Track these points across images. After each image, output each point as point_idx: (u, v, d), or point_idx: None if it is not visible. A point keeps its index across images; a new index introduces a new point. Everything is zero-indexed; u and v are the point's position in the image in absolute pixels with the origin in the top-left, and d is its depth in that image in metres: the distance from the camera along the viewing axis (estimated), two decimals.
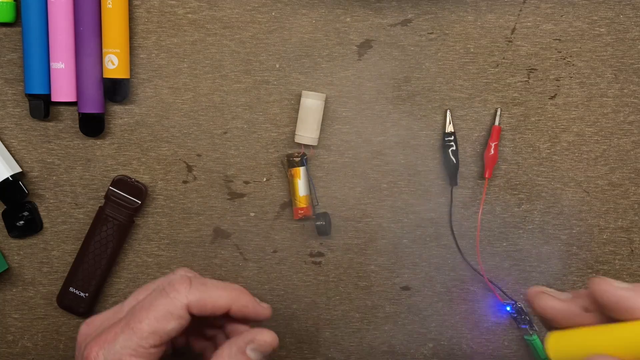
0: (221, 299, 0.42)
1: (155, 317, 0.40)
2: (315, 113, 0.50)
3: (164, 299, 0.41)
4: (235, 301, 0.42)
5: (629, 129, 0.51)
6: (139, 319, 0.40)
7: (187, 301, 0.41)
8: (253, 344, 0.42)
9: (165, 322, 0.40)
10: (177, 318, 0.41)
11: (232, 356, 0.41)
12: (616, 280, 0.33)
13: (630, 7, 0.50)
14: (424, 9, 0.50)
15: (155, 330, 0.40)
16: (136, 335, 0.40)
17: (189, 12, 0.50)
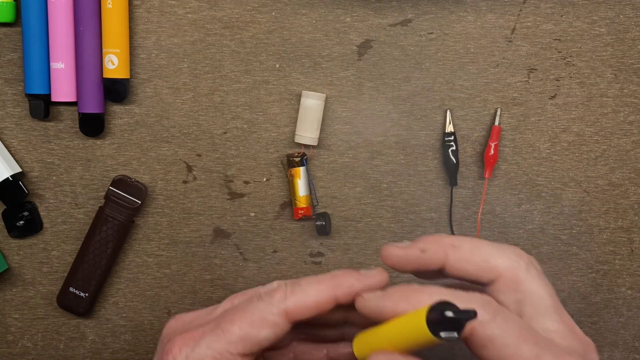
0: (322, 292, 0.37)
1: (249, 321, 0.37)
2: (315, 113, 0.50)
3: (260, 304, 0.37)
4: (337, 287, 0.38)
5: (629, 129, 0.51)
6: (230, 321, 0.37)
7: (284, 307, 0.37)
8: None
9: (258, 328, 0.37)
10: (272, 326, 0.37)
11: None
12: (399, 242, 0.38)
13: (630, 7, 0.50)
14: (424, 9, 0.50)
15: (246, 335, 0.37)
16: (225, 338, 0.37)
17: (189, 12, 0.50)
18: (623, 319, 0.53)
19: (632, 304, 0.53)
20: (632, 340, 0.53)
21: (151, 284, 0.53)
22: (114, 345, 0.53)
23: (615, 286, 0.53)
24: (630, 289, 0.53)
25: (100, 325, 0.53)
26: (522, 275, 0.37)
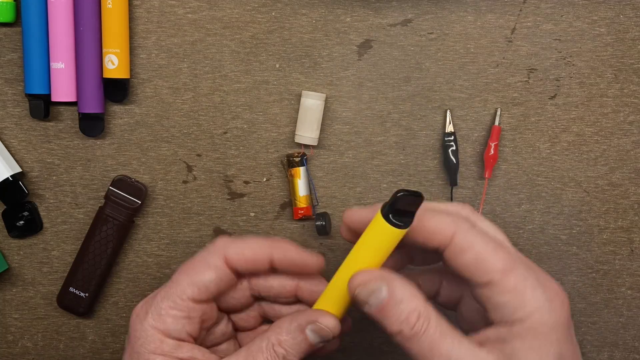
0: (261, 248, 0.41)
1: (193, 267, 0.40)
2: (315, 113, 0.50)
3: (202, 252, 0.41)
4: (276, 249, 0.41)
5: (629, 129, 0.51)
6: (179, 273, 0.40)
7: (224, 252, 0.40)
8: (314, 325, 0.39)
9: (202, 271, 0.40)
10: (213, 268, 0.40)
11: (291, 331, 0.39)
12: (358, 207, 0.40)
13: (630, 7, 0.50)
14: (424, 9, 0.50)
15: (192, 281, 0.39)
16: (174, 287, 0.40)
17: (189, 12, 0.50)
18: (623, 319, 0.53)
19: (632, 304, 0.53)
20: (632, 340, 0.53)
21: (151, 284, 0.53)
22: (114, 345, 0.53)
23: (615, 286, 0.53)
24: (630, 289, 0.53)
25: (100, 325, 0.53)
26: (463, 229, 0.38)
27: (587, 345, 0.53)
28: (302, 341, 0.39)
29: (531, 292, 0.36)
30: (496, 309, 0.37)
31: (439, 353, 0.36)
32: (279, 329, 0.39)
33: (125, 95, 0.50)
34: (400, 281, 0.37)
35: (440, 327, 0.36)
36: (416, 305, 0.36)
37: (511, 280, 0.36)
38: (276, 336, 0.39)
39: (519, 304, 0.36)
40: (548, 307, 0.36)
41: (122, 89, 0.50)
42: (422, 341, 0.36)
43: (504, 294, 0.36)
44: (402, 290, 0.37)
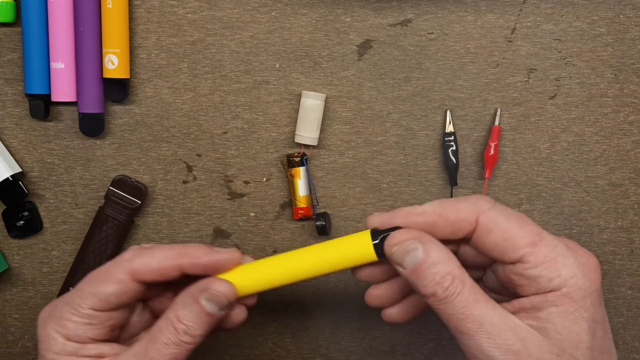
0: (168, 259, 0.40)
1: (98, 278, 0.40)
2: (315, 113, 0.50)
3: (111, 263, 0.40)
4: (184, 257, 0.40)
5: (629, 129, 0.51)
6: (83, 281, 0.40)
7: (130, 265, 0.40)
8: (207, 293, 0.39)
9: (104, 284, 0.39)
10: (116, 282, 0.39)
11: (187, 304, 0.39)
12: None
13: (630, 7, 0.50)
14: (424, 9, 0.50)
15: (94, 291, 0.39)
16: (78, 295, 0.40)
17: (189, 12, 0.50)
18: (623, 319, 0.53)
19: (632, 304, 0.53)
20: (632, 340, 0.53)
21: None
22: None
23: (615, 286, 0.53)
24: (630, 289, 0.53)
25: None
26: (485, 211, 0.38)
27: None
28: (200, 312, 0.39)
29: (563, 260, 0.37)
30: (530, 282, 0.37)
31: (472, 316, 0.36)
32: (176, 305, 0.39)
33: (125, 95, 0.50)
34: (436, 244, 0.38)
35: (474, 291, 0.37)
36: (451, 268, 0.37)
37: (542, 251, 0.37)
38: (174, 312, 0.39)
39: (553, 274, 0.37)
40: (582, 273, 0.37)
41: (122, 89, 0.50)
42: (455, 304, 0.36)
43: (537, 266, 0.37)
44: (438, 252, 0.37)
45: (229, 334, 0.53)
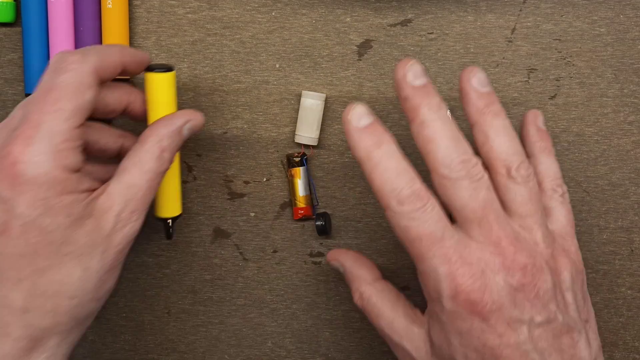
0: (114, 53, 0.41)
1: (71, 91, 0.37)
2: (315, 113, 0.50)
3: (67, 74, 0.38)
4: (122, 52, 0.42)
5: (629, 129, 0.51)
6: (52, 103, 0.37)
7: (91, 66, 0.38)
8: (189, 124, 0.43)
9: (82, 93, 0.38)
10: (89, 87, 0.38)
11: (171, 135, 0.42)
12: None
13: (630, 7, 0.50)
14: (424, 9, 0.50)
15: (76, 106, 0.37)
16: (59, 116, 0.37)
17: (189, 12, 0.50)
18: (623, 319, 0.53)
19: (632, 304, 0.53)
20: (632, 340, 0.53)
21: (151, 284, 0.53)
22: (113, 345, 0.53)
23: (615, 286, 0.53)
24: (630, 289, 0.53)
25: (100, 325, 0.53)
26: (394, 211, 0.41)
27: None
28: (179, 142, 0.43)
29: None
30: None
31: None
32: (160, 136, 0.42)
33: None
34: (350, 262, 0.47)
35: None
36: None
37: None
38: (159, 143, 0.42)
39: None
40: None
41: None
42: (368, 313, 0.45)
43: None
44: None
45: (229, 333, 0.53)
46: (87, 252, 0.38)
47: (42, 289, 0.37)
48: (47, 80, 0.38)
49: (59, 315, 0.38)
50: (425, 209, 0.39)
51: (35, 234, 0.36)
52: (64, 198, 0.37)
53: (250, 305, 0.53)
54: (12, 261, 0.37)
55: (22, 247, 0.36)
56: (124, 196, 0.40)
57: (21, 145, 0.36)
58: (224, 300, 0.53)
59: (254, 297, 0.53)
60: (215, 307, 0.53)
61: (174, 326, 0.53)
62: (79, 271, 0.38)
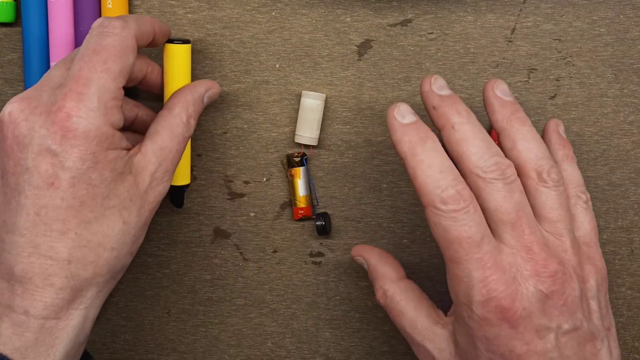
0: (148, 23, 0.43)
1: (117, 53, 0.40)
2: (315, 113, 0.50)
3: (112, 38, 0.40)
4: (154, 22, 0.44)
5: (629, 129, 0.51)
6: (102, 62, 0.39)
7: (133, 32, 0.41)
8: (210, 92, 0.46)
9: (127, 56, 0.40)
10: (132, 50, 0.41)
11: (196, 102, 0.45)
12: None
13: (630, 7, 0.50)
14: (424, 9, 0.50)
15: (122, 67, 0.40)
16: (108, 76, 0.39)
17: (189, 12, 0.50)
18: (623, 319, 0.53)
19: (632, 304, 0.53)
20: (632, 340, 0.53)
21: (151, 284, 0.53)
22: (113, 345, 0.53)
23: (615, 286, 0.53)
24: (630, 289, 0.53)
25: (100, 325, 0.53)
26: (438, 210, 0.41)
27: None
28: (201, 109, 0.46)
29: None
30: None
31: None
32: (186, 103, 0.44)
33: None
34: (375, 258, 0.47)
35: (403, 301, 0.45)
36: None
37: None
38: (186, 110, 0.44)
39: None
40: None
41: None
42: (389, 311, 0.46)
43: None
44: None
45: (229, 333, 0.53)
46: (127, 207, 0.40)
47: (86, 240, 0.39)
48: (93, 42, 0.40)
49: (99, 267, 0.39)
50: (467, 210, 0.39)
51: (82, 186, 0.38)
52: (109, 153, 0.39)
53: (250, 305, 0.53)
54: (59, 213, 0.38)
55: (70, 199, 0.38)
56: (158, 157, 0.42)
57: (74, 101, 0.38)
58: (224, 300, 0.53)
59: (254, 297, 0.53)
60: (215, 307, 0.53)
61: (174, 326, 0.53)
62: (119, 224, 0.40)
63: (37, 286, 0.38)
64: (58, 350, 0.39)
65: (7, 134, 0.39)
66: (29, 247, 0.38)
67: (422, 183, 0.39)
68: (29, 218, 0.38)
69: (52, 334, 0.38)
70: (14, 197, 0.38)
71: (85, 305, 0.40)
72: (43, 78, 0.41)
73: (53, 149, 0.38)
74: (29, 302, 0.38)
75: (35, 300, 0.38)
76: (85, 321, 0.40)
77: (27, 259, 0.38)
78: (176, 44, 0.46)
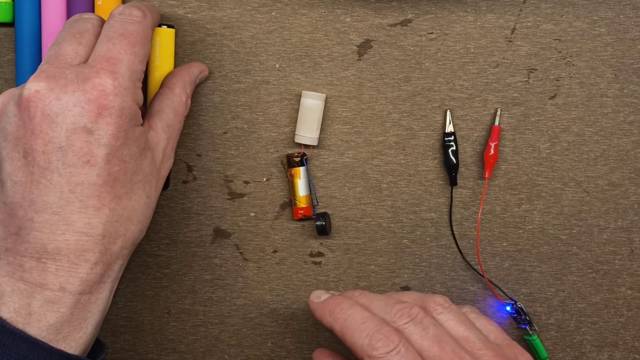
0: (156, 11, 0.46)
1: (141, 40, 0.42)
2: (315, 113, 0.50)
3: (136, 25, 0.42)
4: (157, 12, 0.46)
5: (629, 129, 0.51)
6: (130, 46, 0.41)
7: (151, 21, 0.43)
8: (202, 74, 0.49)
9: (148, 42, 0.42)
10: (150, 38, 0.43)
11: (192, 83, 0.47)
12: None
13: (630, 7, 0.50)
14: (424, 9, 0.50)
15: (145, 52, 0.42)
16: (136, 58, 0.41)
17: (189, 12, 0.50)
18: (623, 319, 0.53)
19: (632, 304, 0.53)
20: (632, 340, 0.53)
21: (151, 284, 0.53)
22: (114, 345, 0.53)
23: (615, 286, 0.53)
24: (630, 289, 0.53)
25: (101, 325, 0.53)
26: (373, 357, 0.40)
27: (587, 345, 0.53)
28: (192, 90, 0.48)
29: None
30: None
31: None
32: (184, 84, 0.46)
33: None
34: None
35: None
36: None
37: None
38: (185, 91, 0.46)
39: None
40: None
41: None
42: None
43: None
44: None
45: (229, 333, 0.53)
46: (149, 181, 0.42)
47: (118, 215, 0.40)
48: (119, 27, 0.42)
49: (127, 240, 0.41)
50: (399, 350, 0.39)
51: (116, 162, 0.39)
52: (136, 130, 0.41)
53: (250, 305, 0.53)
54: (95, 189, 0.39)
55: (105, 175, 0.39)
56: (167, 133, 0.44)
57: (110, 79, 0.39)
58: (224, 300, 0.53)
59: (254, 297, 0.53)
60: (215, 307, 0.53)
61: (174, 326, 0.53)
62: (144, 198, 0.41)
63: (73, 262, 0.39)
64: (90, 323, 0.40)
65: (36, 112, 0.38)
66: (63, 224, 0.39)
67: (350, 338, 0.41)
68: (63, 196, 0.38)
69: (86, 308, 0.40)
70: (44, 176, 0.39)
71: (112, 278, 0.41)
72: (54, 55, 0.41)
73: (89, 127, 0.38)
74: (64, 279, 0.39)
75: (71, 276, 0.39)
76: (110, 293, 0.41)
77: (62, 236, 0.39)
78: (164, 27, 0.49)
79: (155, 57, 0.48)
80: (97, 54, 0.41)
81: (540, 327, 0.53)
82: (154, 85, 0.48)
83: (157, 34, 0.48)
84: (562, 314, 0.53)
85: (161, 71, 0.48)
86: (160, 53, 0.48)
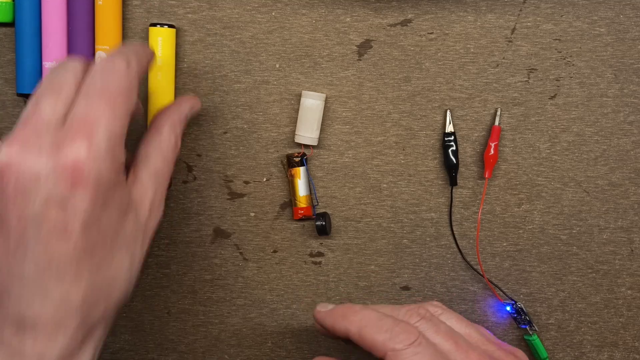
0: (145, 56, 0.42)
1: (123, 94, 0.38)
2: (315, 113, 0.50)
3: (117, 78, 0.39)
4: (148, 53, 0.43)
5: (629, 129, 0.51)
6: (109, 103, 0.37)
7: (135, 71, 0.40)
8: (192, 110, 0.46)
9: (131, 96, 0.39)
10: (135, 90, 0.39)
11: (181, 122, 0.45)
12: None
13: (630, 7, 0.50)
14: (424, 9, 0.50)
15: (127, 107, 0.38)
16: (115, 117, 0.37)
17: (189, 12, 0.50)
18: (623, 319, 0.53)
19: (632, 304, 0.53)
20: (632, 340, 0.53)
21: (151, 284, 0.53)
22: (114, 345, 0.53)
23: (615, 286, 0.53)
24: (630, 289, 0.53)
25: None
26: (397, 350, 0.40)
27: (587, 345, 0.53)
28: (184, 128, 0.45)
29: None
30: None
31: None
32: (173, 126, 0.44)
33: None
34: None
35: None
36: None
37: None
38: (174, 132, 0.44)
39: None
40: None
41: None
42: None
43: None
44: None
45: (229, 333, 0.53)
46: (132, 242, 0.40)
47: (98, 282, 0.38)
48: (97, 83, 0.38)
49: (109, 305, 0.39)
50: (420, 342, 0.40)
51: (94, 231, 0.37)
52: (115, 192, 0.38)
53: (250, 305, 0.53)
54: (72, 260, 0.37)
55: (82, 244, 0.37)
56: (154, 183, 0.41)
57: (84, 145, 0.36)
58: (224, 300, 0.53)
59: (254, 297, 0.53)
60: (215, 307, 0.53)
61: (174, 326, 0.53)
62: (127, 261, 0.39)
63: (51, 332, 0.37)
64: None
65: (9, 181, 0.36)
66: (40, 295, 0.37)
67: (370, 337, 0.41)
68: (40, 266, 0.37)
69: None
70: (19, 246, 0.37)
71: (95, 344, 0.39)
72: (31, 114, 0.38)
73: (63, 197, 0.36)
74: (43, 347, 0.37)
75: (50, 345, 0.37)
76: (94, 355, 0.40)
77: (39, 306, 0.37)
78: (165, 27, 0.49)
79: (156, 57, 0.48)
80: (74, 115, 0.37)
81: (540, 327, 0.53)
82: (154, 86, 0.48)
83: (157, 33, 0.48)
84: (562, 314, 0.53)
85: (162, 71, 0.49)
86: (160, 53, 0.49)
